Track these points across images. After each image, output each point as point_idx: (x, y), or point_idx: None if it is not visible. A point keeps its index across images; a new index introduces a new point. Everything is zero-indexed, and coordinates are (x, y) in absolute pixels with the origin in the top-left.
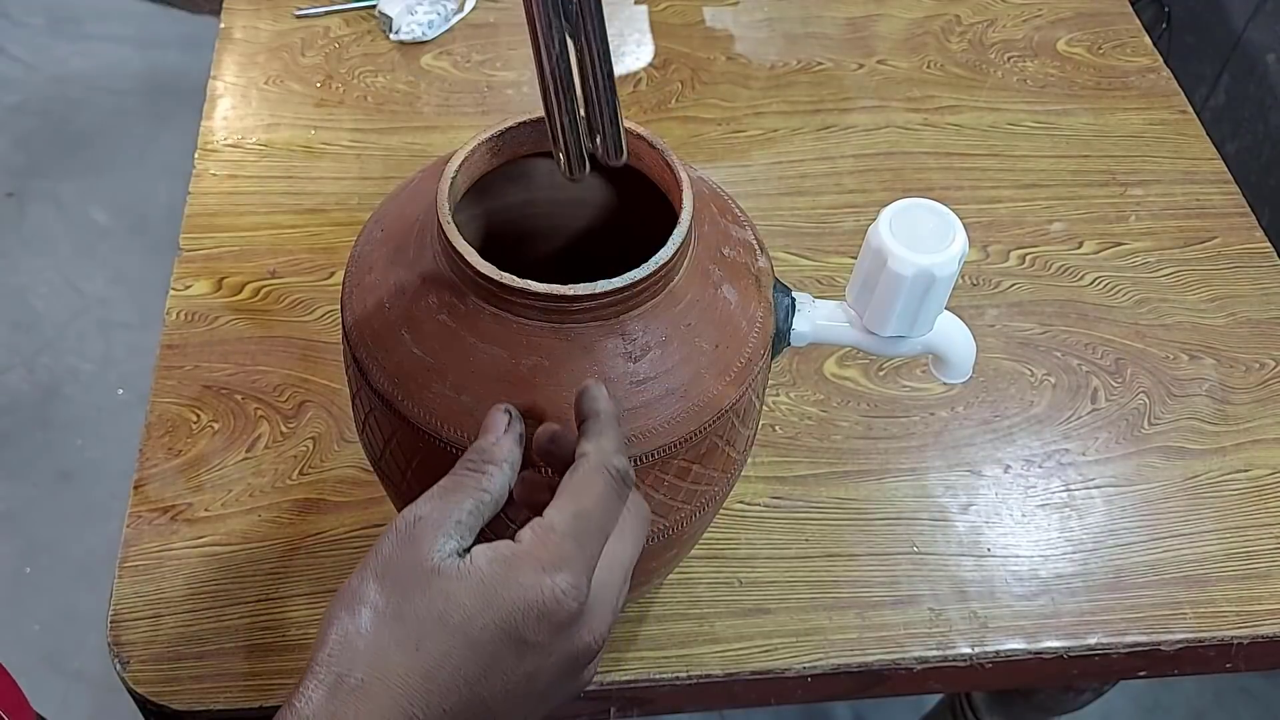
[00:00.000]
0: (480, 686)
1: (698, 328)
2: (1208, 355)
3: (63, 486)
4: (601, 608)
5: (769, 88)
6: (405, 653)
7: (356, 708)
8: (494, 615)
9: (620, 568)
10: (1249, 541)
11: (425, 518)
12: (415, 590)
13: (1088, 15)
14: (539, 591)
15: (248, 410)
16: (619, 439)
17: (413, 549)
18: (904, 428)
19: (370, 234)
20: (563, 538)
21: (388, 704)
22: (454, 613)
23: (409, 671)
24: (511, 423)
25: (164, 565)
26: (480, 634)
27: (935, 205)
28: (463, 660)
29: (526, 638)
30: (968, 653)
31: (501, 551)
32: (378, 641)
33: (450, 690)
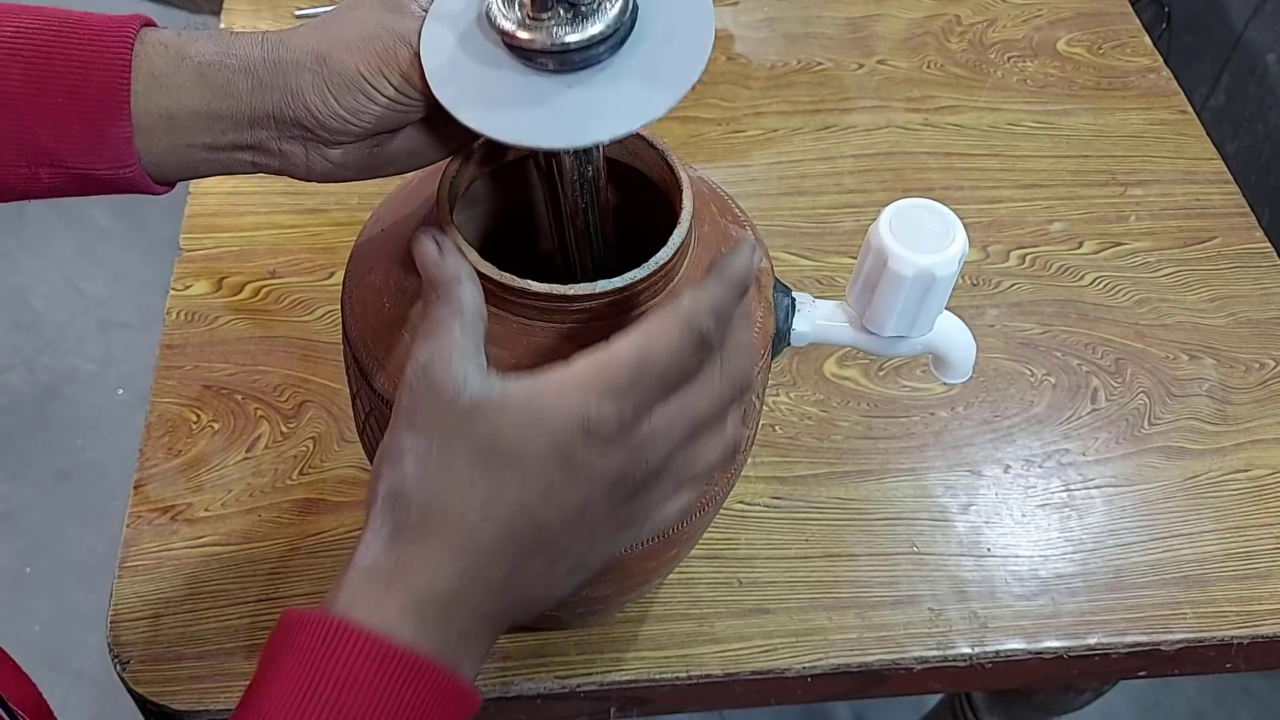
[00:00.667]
0: (537, 510)
1: None
2: (1208, 355)
3: (63, 486)
4: (655, 445)
5: (769, 88)
6: (459, 491)
7: (419, 548)
8: (544, 436)
9: (688, 417)
10: (1249, 541)
11: (430, 361)
12: (458, 431)
13: (1088, 15)
14: (585, 411)
15: (248, 410)
16: (724, 301)
17: (437, 393)
18: (904, 428)
19: (370, 234)
20: (620, 369)
21: (449, 540)
22: (502, 444)
23: (465, 508)
24: (442, 242)
25: (164, 565)
26: (531, 458)
27: (935, 205)
28: (517, 487)
29: (574, 453)
30: (968, 653)
31: (552, 376)
32: (429, 485)
33: (509, 518)
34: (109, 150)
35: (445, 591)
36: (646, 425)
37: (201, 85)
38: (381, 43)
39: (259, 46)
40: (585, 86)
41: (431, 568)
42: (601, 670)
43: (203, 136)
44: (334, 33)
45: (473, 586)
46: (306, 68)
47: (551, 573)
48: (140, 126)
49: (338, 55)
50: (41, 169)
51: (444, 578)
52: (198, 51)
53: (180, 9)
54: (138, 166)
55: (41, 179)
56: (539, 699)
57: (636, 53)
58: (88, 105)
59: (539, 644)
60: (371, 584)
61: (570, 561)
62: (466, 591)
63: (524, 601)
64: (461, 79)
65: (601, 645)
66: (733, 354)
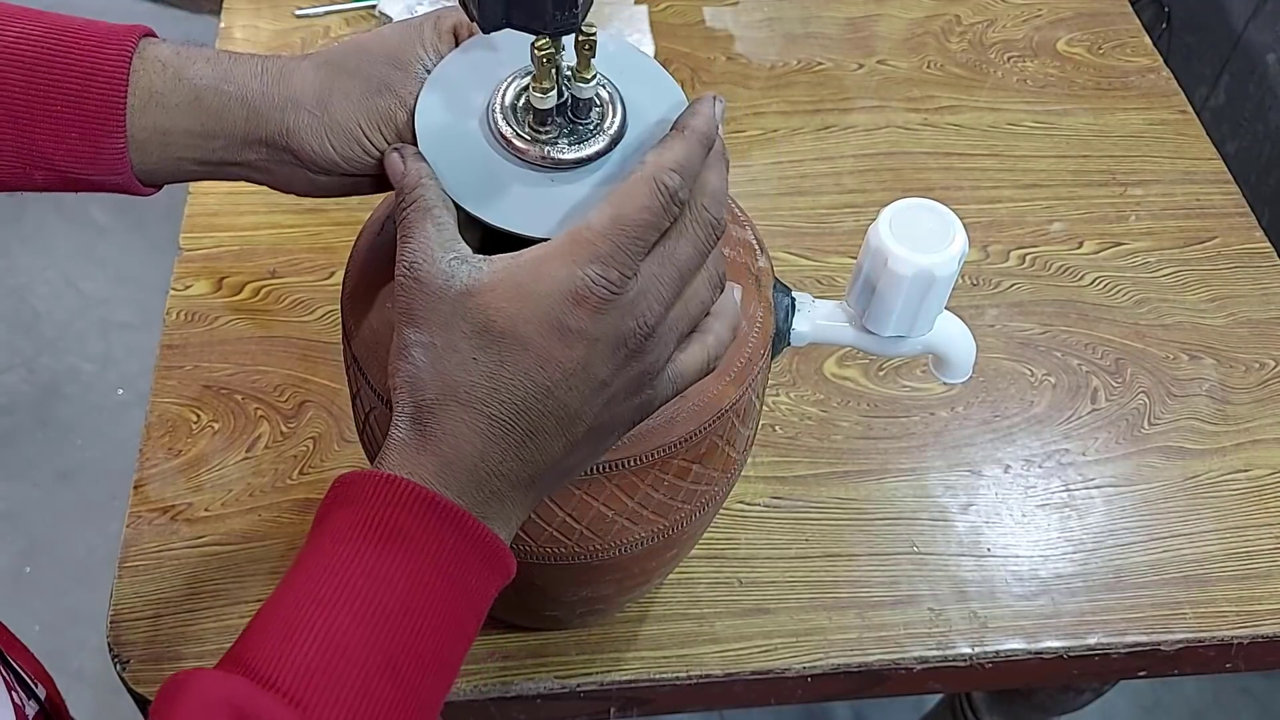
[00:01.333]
0: (541, 376)
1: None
2: (1208, 355)
3: (63, 486)
4: (645, 300)
5: (769, 88)
6: (466, 368)
7: (439, 422)
8: (533, 309)
9: (671, 266)
10: (1249, 541)
11: (414, 259)
12: (454, 317)
13: (1088, 15)
14: (571, 281)
15: (248, 410)
16: (688, 156)
17: (426, 287)
18: (904, 428)
19: (370, 233)
20: (596, 235)
21: (465, 413)
22: (496, 319)
23: (474, 383)
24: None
25: (164, 565)
26: (525, 328)
27: (935, 205)
28: (517, 357)
29: (568, 324)
30: (968, 653)
31: (533, 254)
32: (438, 368)
33: (515, 387)
34: (104, 160)
35: (471, 455)
36: (634, 284)
37: (197, 108)
38: (384, 101)
39: (258, 78)
40: (571, 185)
41: (454, 435)
42: (601, 670)
43: (195, 153)
44: (337, 80)
45: (494, 450)
46: (306, 109)
47: (568, 435)
48: (134, 139)
49: (338, 105)
50: (37, 171)
51: (468, 444)
52: (195, 74)
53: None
54: (129, 174)
55: (35, 180)
56: (539, 699)
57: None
58: (86, 117)
59: (539, 644)
60: (406, 453)
61: (587, 423)
62: (489, 455)
63: (548, 466)
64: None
65: (601, 645)
66: (702, 200)
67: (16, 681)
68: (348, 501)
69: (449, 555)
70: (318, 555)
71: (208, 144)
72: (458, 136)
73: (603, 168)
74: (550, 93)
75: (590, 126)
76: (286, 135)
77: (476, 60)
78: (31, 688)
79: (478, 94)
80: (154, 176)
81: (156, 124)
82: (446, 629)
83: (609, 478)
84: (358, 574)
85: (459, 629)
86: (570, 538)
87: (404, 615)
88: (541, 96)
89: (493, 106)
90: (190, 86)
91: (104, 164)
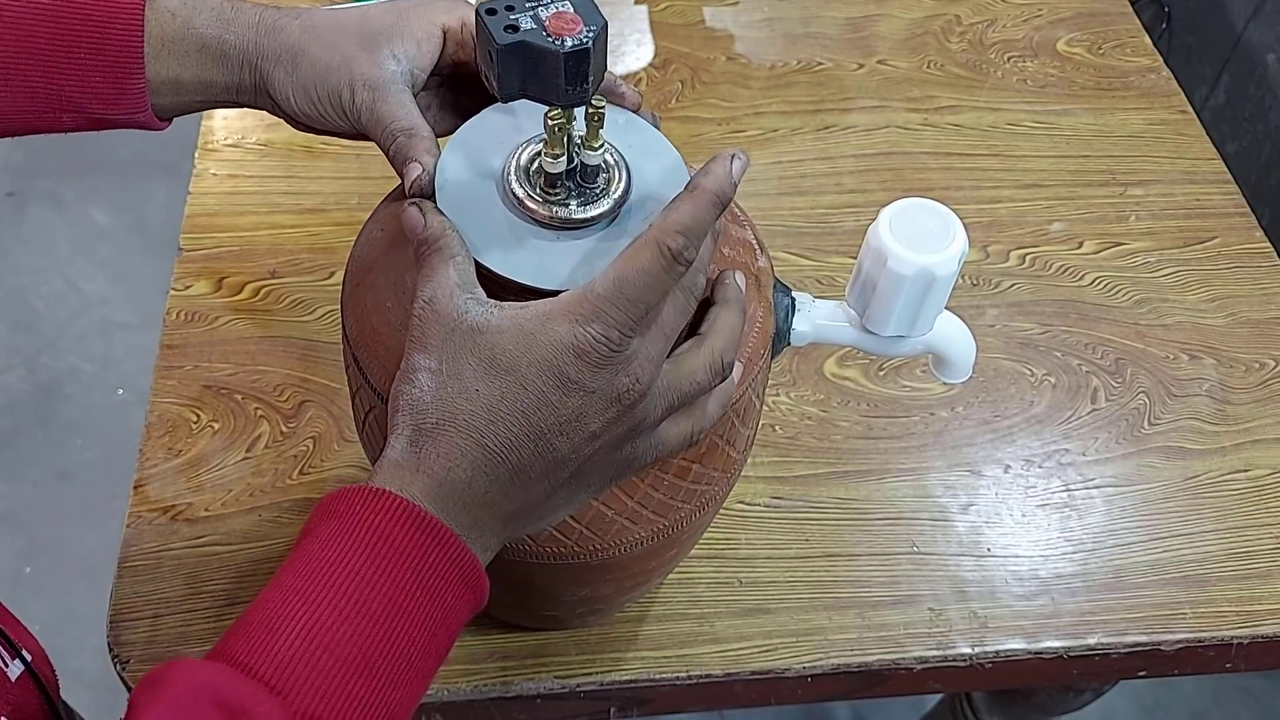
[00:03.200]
0: (535, 418)
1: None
2: (1208, 355)
3: (63, 486)
4: (639, 361)
5: (769, 88)
6: (467, 398)
7: (435, 445)
8: (536, 356)
9: (660, 330)
10: (1249, 541)
11: (433, 296)
12: (463, 349)
13: (1088, 15)
14: (573, 336)
15: (248, 410)
16: (694, 218)
17: (441, 319)
18: (904, 428)
19: (370, 234)
20: (598, 297)
21: (461, 439)
22: (501, 358)
23: (472, 412)
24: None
25: (164, 565)
26: (526, 372)
27: (935, 205)
28: (515, 396)
29: (568, 374)
30: (968, 653)
31: (540, 307)
32: (441, 395)
33: (511, 423)
34: (127, 101)
35: (460, 481)
36: (632, 344)
37: (202, 56)
38: (335, 78)
39: (253, 29)
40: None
41: (447, 460)
42: (601, 670)
43: (201, 95)
44: (310, 46)
45: (481, 480)
46: (282, 65)
47: (552, 480)
48: (150, 85)
49: (304, 69)
50: (65, 114)
51: (459, 469)
52: (201, 24)
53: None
54: (149, 112)
55: (64, 121)
56: (539, 699)
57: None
58: (108, 64)
59: (539, 644)
60: (398, 472)
61: (571, 470)
62: (476, 484)
63: (528, 507)
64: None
65: (601, 645)
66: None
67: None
68: (335, 514)
69: (431, 570)
70: (305, 558)
71: (211, 89)
72: (474, 195)
73: (608, 226)
74: (561, 158)
75: (597, 190)
76: (267, 84)
77: (495, 125)
78: (16, 649)
79: (494, 157)
80: (167, 113)
81: (169, 70)
82: (422, 639)
83: None
84: (344, 574)
85: (433, 641)
86: (570, 538)
87: (385, 619)
88: (553, 162)
89: (507, 169)
90: (197, 35)
91: (126, 104)
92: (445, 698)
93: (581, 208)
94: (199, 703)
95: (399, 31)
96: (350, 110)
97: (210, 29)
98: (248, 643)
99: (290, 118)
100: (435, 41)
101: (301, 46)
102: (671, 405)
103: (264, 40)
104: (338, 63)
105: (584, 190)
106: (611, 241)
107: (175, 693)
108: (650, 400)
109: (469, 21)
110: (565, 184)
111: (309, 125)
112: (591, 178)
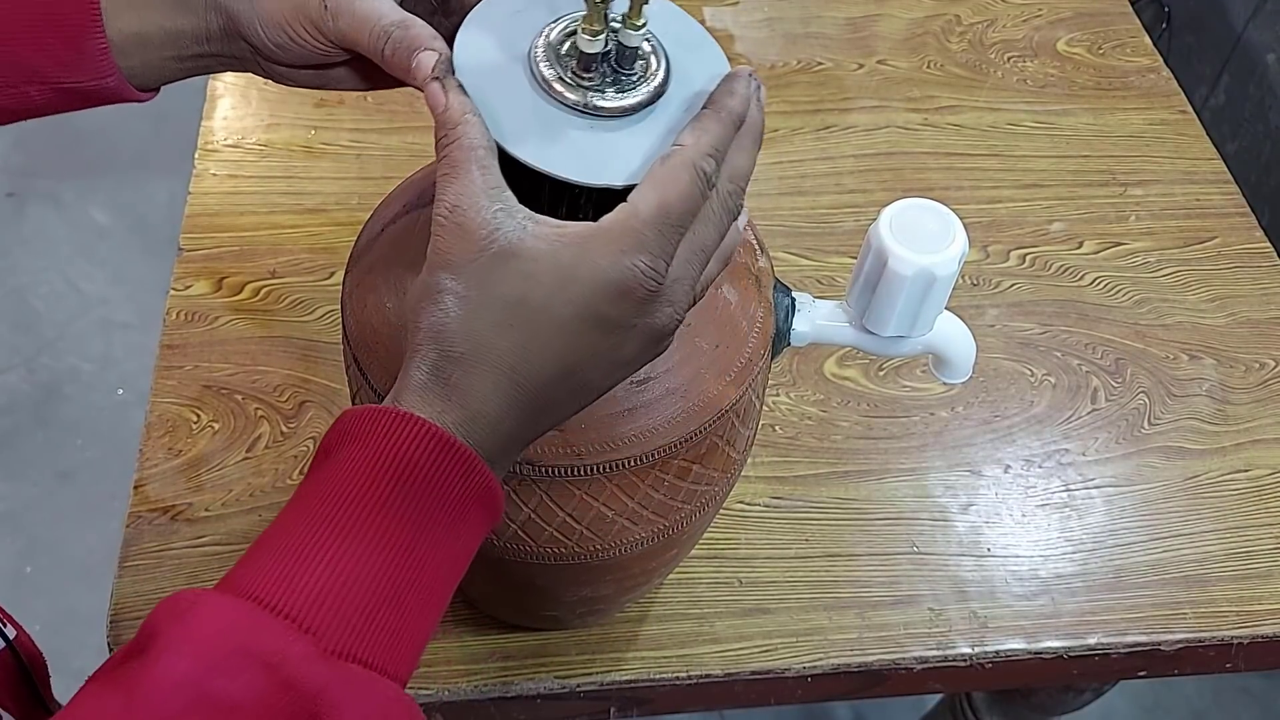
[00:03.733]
0: (570, 357)
1: (698, 328)
2: (1208, 355)
3: (63, 486)
4: (679, 287)
5: (769, 88)
6: (499, 332)
7: (464, 373)
8: (575, 293)
9: (699, 252)
10: (1249, 541)
11: (456, 203)
12: (494, 274)
13: (1088, 15)
14: (618, 271)
15: (248, 410)
16: (722, 139)
17: (468, 235)
18: (904, 428)
19: (370, 234)
20: (644, 224)
21: (493, 375)
22: (535, 291)
23: (505, 349)
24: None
25: (164, 565)
26: (563, 310)
27: (935, 205)
28: (551, 336)
29: (609, 314)
30: (968, 653)
31: (581, 231)
32: (470, 324)
33: (544, 363)
34: (89, 64)
35: (493, 415)
36: (671, 271)
37: (165, 5)
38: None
39: None
40: (612, 134)
41: (480, 393)
42: (601, 670)
43: (170, 50)
44: None
45: (514, 412)
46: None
47: (580, 401)
48: (114, 44)
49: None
50: (30, 87)
51: (492, 404)
52: None
53: None
54: (118, 76)
55: (32, 96)
56: (539, 699)
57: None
58: (64, 24)
59: (539, 644)
60: (426, 398)
61: (597, 391)
62: (507, 419)
63: (550, 425)
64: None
65: (601, 645)
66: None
67: None
68: (358, 436)
69: (457, 499)
70: (327, 485)
71: (179, 40)
72: (497, 77)
73: (645, 119)
74: (600, 36)
75: (634, 78)
76: (232, 23)
77: (516, 3)
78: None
79: (519, 38)
80: (141, 79)
81: (130, 24)
82: (445, 565)
83: (609, 478)
84: (373, 505)
85: (454, 567)
86: (570, 538)
87: (412, 549)
88: (590, 40)
89: (534, 50)
90: None
91: (90, 67)
92: (445, 698)
93: (618, 95)
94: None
95: None
96: (327, 19)
97: None
98: (272, 575)
99: (266, 58)
100: None
101: None
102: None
103: None
104: None
105: (620, 77)
106: (650, 137)
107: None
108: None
109: None
110: (600, 68)
111: (287, 63)
112: (629, 63)
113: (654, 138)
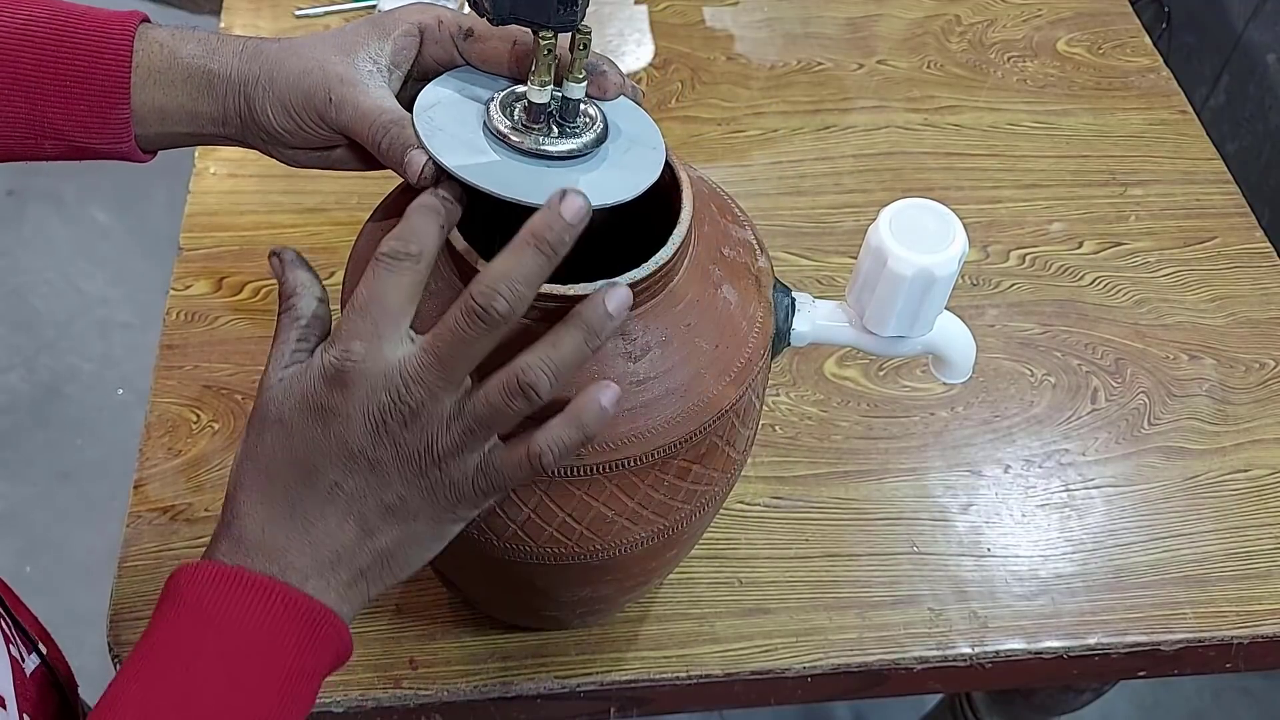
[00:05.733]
0: (301, 453)
1: (698, 328)
2: (1208, 355)
3: (63, 486)
4: (404, 375)
5: (769, 88)
6: (250, 455)
7: (231, 508)
8: (296, 396)
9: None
10: (1249, 541)
11: (264, 372)
12: (254, 414)
13: (1088, 15)
14: (320, 362)
15: (248, 410)
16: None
17: (258, 396)
18: (904, 428)
19: (370, 234)
20: (344, 316)
21: (243, 494)
22: (270, 408)
23: (250, 466)
24: (285, 262)
25: (164, 565)
26: (290, 414)
27: (935, 205)
28: (276, 436)
29: (322, 403)
30: (968, 653)
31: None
32: (236, 460)
33: (276, 463)
34: (110, 131)
35: (254, 530)
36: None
37: (188, 85)
38: (312, 80)
39: (237, 56)
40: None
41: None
42: (601, 670)
43: (187, 127)
44: (288, 59)
45: (272, 527)
46: (260, 84)
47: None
48: (136, 115)
49: (280, 82)
50: (47, 142)
51: (250, 520)
52: (188, 54)
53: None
54: (132, 144)
55: (45, 149)
56: (539, 699)
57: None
58: (94, 92)
59: (539, 644)
60: (211, 545)
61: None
62: (272, 532)
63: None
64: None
65: (601, 645)
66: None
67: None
68: (166, 596)
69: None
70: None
71: (197, 120)
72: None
73: (586, 162)
74: (548, 86)
75: (576, 130)
76: (248, 108)
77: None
78: (33, 643)
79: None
80: (152, 144)
81: (155, 99)
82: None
83: (609, 478)
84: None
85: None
86: (570, 538)
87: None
88: (539, 90)
89: (491, 103)
90: (183, 65)
91: (109, 134)
92: (445, 698)
93: (555, 142)
94: None
95: (374, 34)
96: (331, 111)
97: (196, 59)
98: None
99: (276, 141)
100: (411, 39)
101: (279, 60)
102: (468, 427)
103: (246, 65)
104: (313, 67)
105: (563, 128)
106: (575, 172)
107: None
108: (431, 419)
109: (445, 20)
110: (545, 120)
111: (294, 145)
112: (572, 116)
113: (581, 173)
